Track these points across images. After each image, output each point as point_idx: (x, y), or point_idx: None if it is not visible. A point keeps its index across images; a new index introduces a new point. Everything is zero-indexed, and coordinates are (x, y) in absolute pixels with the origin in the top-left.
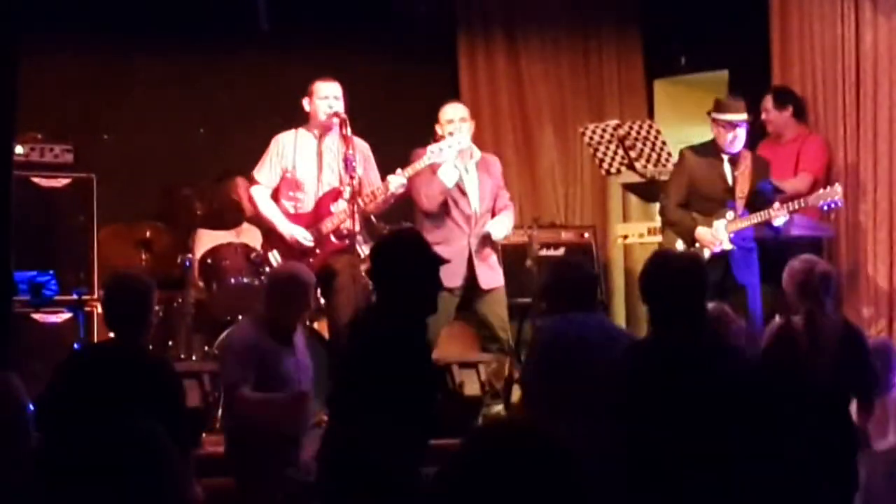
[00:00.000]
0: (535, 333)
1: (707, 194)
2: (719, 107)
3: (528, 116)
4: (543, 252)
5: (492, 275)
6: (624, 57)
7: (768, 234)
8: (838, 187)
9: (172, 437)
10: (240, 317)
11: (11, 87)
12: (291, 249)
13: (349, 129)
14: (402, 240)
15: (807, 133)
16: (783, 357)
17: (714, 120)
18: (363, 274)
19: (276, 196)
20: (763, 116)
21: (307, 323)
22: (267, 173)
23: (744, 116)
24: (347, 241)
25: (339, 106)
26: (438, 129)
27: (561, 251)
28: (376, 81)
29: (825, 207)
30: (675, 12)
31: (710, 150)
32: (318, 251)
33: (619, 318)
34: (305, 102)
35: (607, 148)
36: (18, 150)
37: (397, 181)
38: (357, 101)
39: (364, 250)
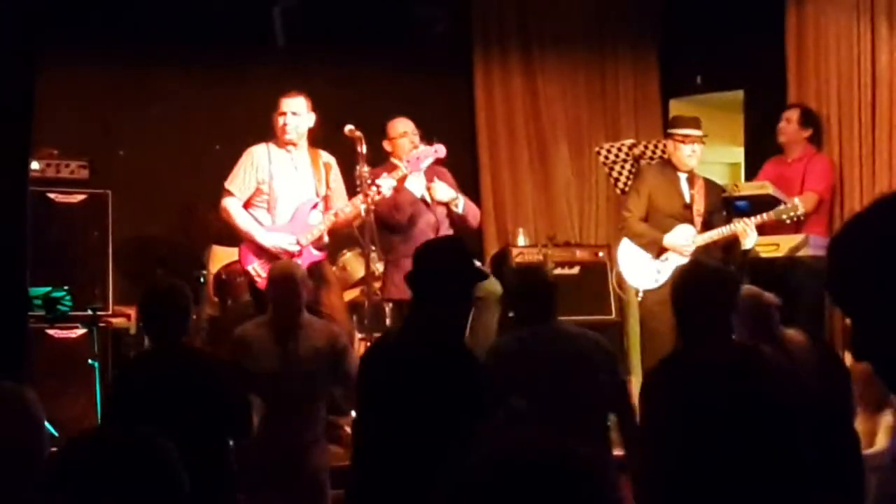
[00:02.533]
0: (486, 357)
1: (666, 211)
2: (679, 122)
3: (543, 134)
4: (558, 270)
5: None
6: (640, 76)
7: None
8: (798, 201)
9: (226, 427)
10: None
11: (28, 103)
12: (273, 259)
13: (364, 147)
14: (445, 246)
15: (813, 153)
16: None
17: (672, 136)
18: (376, 290)
19: (247, 207)
20: (781, 125)
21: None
22: (240, 185)
23: (700, 132)
24: (325, 254)
25: (297, 122)
26: (387, 144)
27: (576, 269)
28: (392, 99)
29: (788, 221)
30: (692, 32)
31: (667, 167)
32: (298, 262)
33: (634, 336)
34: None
35: (622, 167)
36: (34, 165)
37: (388, 183)
38: (373, 117)
39: (378, 267)
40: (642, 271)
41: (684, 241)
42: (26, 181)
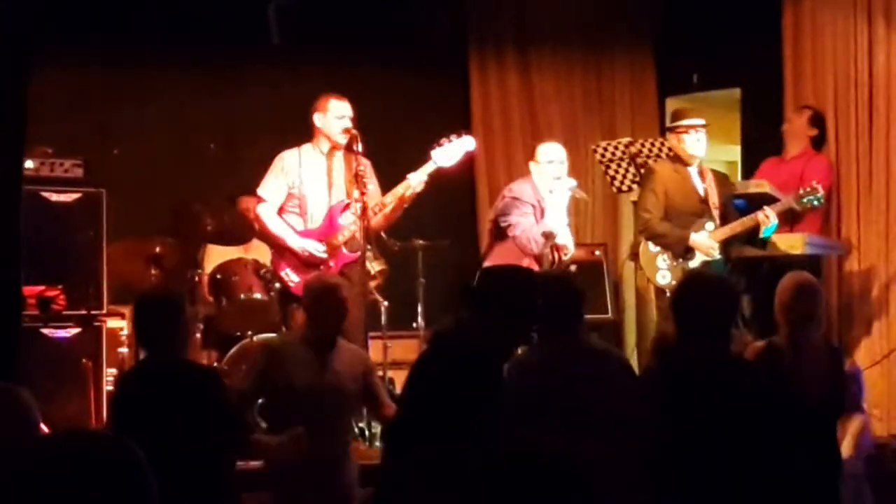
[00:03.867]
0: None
1: (682, 207)
2: (678, 115)
3: (539, 133)
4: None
5: None
6: (636, 74)
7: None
8: (818, 185)
9: (221, 444)
10: (248, 332)
11: (21, 102)
12: (305, 264)
13: (360, 146)
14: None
15: (813, 152)
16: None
17: (675, 130)
18: (372, 290)
19: (280, 213)
20: (790, 116)
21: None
22: (272, 190)
23: (703, 121)
24: (359, 254)
25: (349, 123)
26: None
27: (573, 268)
28: (388, 97)
29: (809, 207)
30: (689, 30)
31: (677, 163)
32: (331, 264)
33: (630, 336)
34: (317, 117)
35: (619, 165)
36: (28, 164)
37: (418, 178)
38: (369, 117)
39: (374, 266)
40: (668, 272)
41: (708, 240)
42: (20, 180)
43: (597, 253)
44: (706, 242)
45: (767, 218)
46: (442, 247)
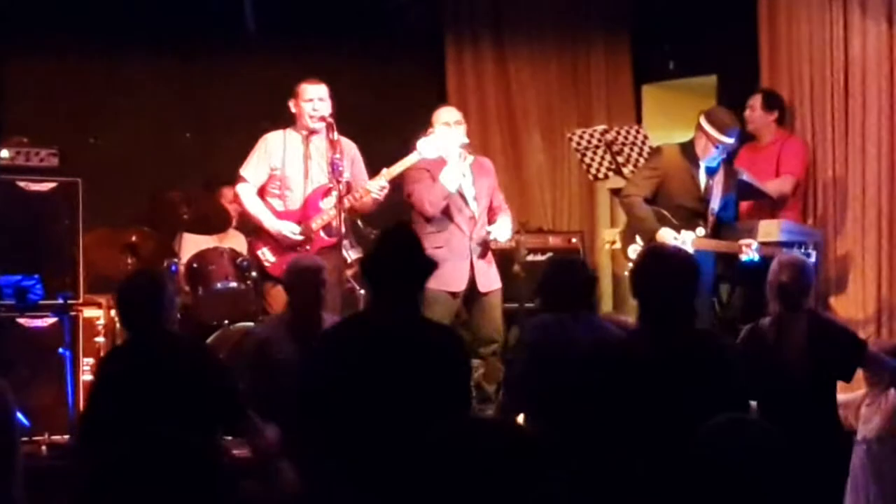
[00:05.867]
0: (523, 332)
1: (678, 200)
2: (719, 124)
3: (515, 121)
4: (531, 257)
5: (490, 278)
6: (612, 61)
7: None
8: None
9: (216, 417)
10: (225, 321)
11: None
12: (280, 246)
13: (336, 133)
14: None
15: (786, 136)
16: (752, 361)
17: (703, 129)
18: (349, 278)
19: (262, 194)
20: (746, 113)
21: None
22: (253, 171)
23: (733, 140)
24: (336, 238)
25: (325, 108)
26: (431, 131)
27: (548, 256)
28: (364, 85)
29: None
30: (664, 17)
31: (689, 152)
32: (307, 247)
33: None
34: (292, 104)
35: (595, 153)
36: (4, 153)
37: (376, 185)
38: (345, 105)
39: (350, 255)
40: (640, 248)
41: (672, 242)
42: None
43: (573, 241)
44: (669, 240)
45: (749, 249)
46: None
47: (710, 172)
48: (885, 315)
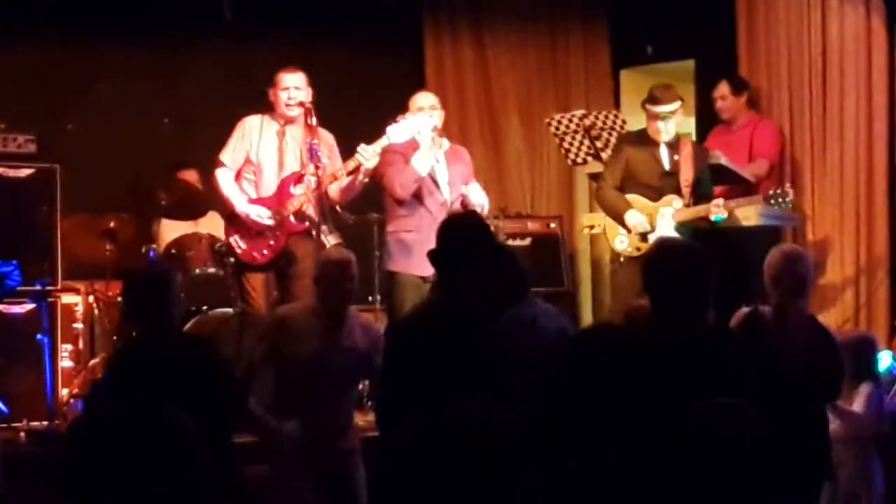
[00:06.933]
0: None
1: (644, 181)
2: (649, 97)
3: (494, 106)
4: (510, 242)
5: None
6: (590, 46)
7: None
8: (789, 189)
9: (221, 417)
10: (203, 307)
11: None
12: (251, 232)
13: (314, 119)
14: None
15: (758, 119)
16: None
17: (645, 111)
18: None
19: (237, 179)
20: (718, 104)
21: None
22: (231, 155)
23: (674, 106)
24: (308, 224)
25: (302, 96)
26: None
27: (527, 241)
28: (342, 70)
29: (776, 209)
30: (642, 2)
31: (646, 136)
32: (278, 233)
33: (586, 308)
34: (270, 92)
35: (573, 138)
36: None
37: (370, 151)
38: (323, 90)
39: (329, 240)
40: (625, 237)
41: (639, 222)
42: None
43: (552, 225)
44: (635, 221)
45: (718, 208)
46: None
47: (672, 147)
48: (863, 299)
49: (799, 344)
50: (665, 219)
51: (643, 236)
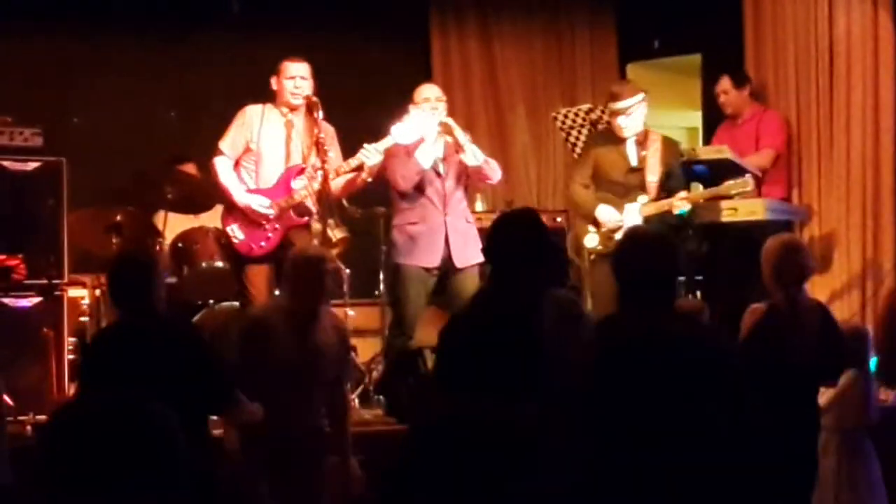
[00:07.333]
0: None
1: (611, 177)
2: (611, 95)
3: (500, 99)
4: None
5: (467, 253)
6: (597, 40)
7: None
8: (749, 178)
9: (206, 400)
10: (210, 301)
11: None
12: (250, 221)
13: (321, 113)
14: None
15: (762, 110)
16: (769, 341)
17: (608, 109)
18: (334, 258)
19: (236, 168)
20: (721, 99)
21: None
22: (230, 144)
23: (634, 100)
24: (307, 219)
25: (306, 86)
26: (413, 108)
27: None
28: (349, 63)
29: (737, 197)
30: None
31: (613, 134)
32: (277, 226)
33: (589, 302)
34: (273, 81)
35: (579, 132)
36: None
37: (373, 150)
38: (329, 83)
39: (336, 234)
40: (595, 235)
41: (609, 218)
42: None
43: (558, 220)
44: (605, 216)
45: (681, 202)
46: None
47: (640, 143)
48: (869, 293)
49: (811, 334)
50: (631, 214)
51: (612, 232)
